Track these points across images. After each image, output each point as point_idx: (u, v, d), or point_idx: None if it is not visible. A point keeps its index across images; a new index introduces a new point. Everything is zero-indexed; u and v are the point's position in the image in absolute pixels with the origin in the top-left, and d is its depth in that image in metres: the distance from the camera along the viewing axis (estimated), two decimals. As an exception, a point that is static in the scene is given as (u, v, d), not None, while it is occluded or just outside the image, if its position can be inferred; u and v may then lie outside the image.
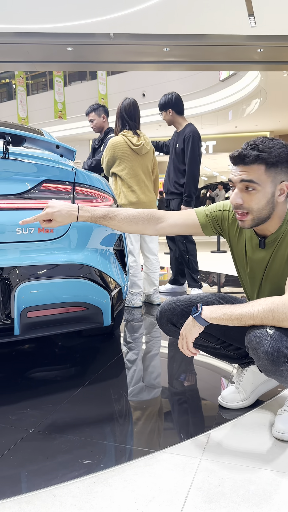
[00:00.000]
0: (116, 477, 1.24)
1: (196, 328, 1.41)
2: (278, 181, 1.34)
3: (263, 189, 1.32)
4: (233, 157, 1.34)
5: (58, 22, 6.77)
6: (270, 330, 1.28)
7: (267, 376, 1.34)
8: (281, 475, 1.25)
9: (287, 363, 1.26)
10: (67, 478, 1.24)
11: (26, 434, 1.49)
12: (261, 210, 1.34)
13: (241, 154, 1.31)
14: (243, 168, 1.32)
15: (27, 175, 1.74)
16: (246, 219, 1.36)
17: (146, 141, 3.26)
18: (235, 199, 1.34)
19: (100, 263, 1.89)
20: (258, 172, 1.30)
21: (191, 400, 1.82)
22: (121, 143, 3.16)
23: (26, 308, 1.68)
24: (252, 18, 6.39)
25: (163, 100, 3.73)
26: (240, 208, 1.35)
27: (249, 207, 1.34)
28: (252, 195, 1.33)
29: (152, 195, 3.36)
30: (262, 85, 11.94)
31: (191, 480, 1.23)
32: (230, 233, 1.57)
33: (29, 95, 16.67)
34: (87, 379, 1.96)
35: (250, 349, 1.33)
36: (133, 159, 3.20)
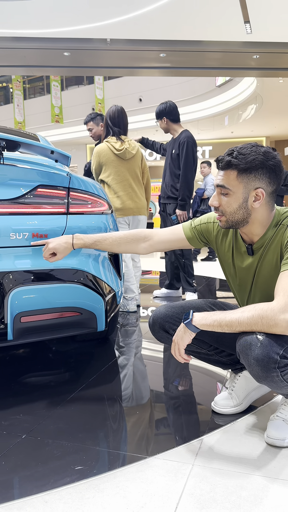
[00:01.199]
0: (108, 483, 1.24)
1: (187, 334, 1.42)
2: (252, 187, 1.38)
3: (234, 194, 1.40)
4: (215, 161, 1.45)
5: (55, 27, 6.80)
6: (260, 336, 1.28)
7: (258, 382, 1.34)
8: (272, 481, 1.25)
9: (277, 369, 1.27)
10: (59, 484, 1.24)
11: (19, 440, 1.48)
12: (233, 214, 1.42)
13: (217, 159, 1.42)
14: (220, 173, 1.42)
15: (22, 180, 1.74)
16: (221, 220, 1.46)
17: (131, 146, 3.27)
18: (212, 201, 1.45)
19: (94, 268, 1.89)
20: (230, 178, 1.39)
21: (184, 406, 1.82)
22: (104, 150, 3.20)
23: (20, 313, 1.68)
24: (248, 25, 6.44)
25: (158, 109, 3.83)
26: (216, 210, 1.46)
27: (222, 210, 1.44)
28: (223, 199, 1.42)
29: (141, 201, 3.34)
30: (258, 91, 12.02)
31: (183, 486, 1.23)
32: (217, 243, 1.62)
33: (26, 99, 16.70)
34: (80, 384, 1.96)
35: (241, 355, 1.34)
36: (118, 164, 3.21)
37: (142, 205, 3.35)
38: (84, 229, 1.87)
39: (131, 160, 3.26)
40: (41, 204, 1.77)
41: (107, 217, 2.03)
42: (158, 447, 1.45)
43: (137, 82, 14.47)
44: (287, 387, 1.34)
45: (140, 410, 1.75)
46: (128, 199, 3.25)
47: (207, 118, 13.51)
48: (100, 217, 1.97)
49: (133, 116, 15.37)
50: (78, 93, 16.67)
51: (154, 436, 1.56)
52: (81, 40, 6.96)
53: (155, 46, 7.04)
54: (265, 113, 13.55)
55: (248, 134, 16.66)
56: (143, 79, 13.78)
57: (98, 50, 7.16)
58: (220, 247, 1.62)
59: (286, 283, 1.31)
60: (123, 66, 8.13)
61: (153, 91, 14.50)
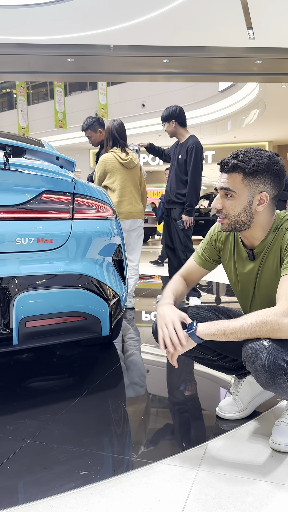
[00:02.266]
0: (113, 488, 1.24)
1: (189, 344, 1.41)
2: (257, 191, 1.39)
3: (240, 197, 1.39)
4: (218, 164, 1.45)
5: (59, 34, 6.86)
6: (266, 342, 1.28)
7: (265, 389, 1.34)
8: (278, 486, 1.25)
9: (284, 376, 1.27)
10: (64, 489, 1.24)
11: (24, 444, 1.49)
12: (237, 217, 1.42)
13: (222, 162, 1.41)
14: (224, 176, 1.41)
15: (27, 186, 1.76)
16: (223, 222, 1.45)
17: (133, 157, 3.59)
18: (215, 203, 1.44)
19: (99, 273, 1.90)
20: (236, 181, 1.39)
21: (189, 411, 1.82)
22: (111, 159, 3.51)
23: (25, 318, 1.69)
24: (251, 30, 6.48)
25: (167, 112, 3.85)
26: (220, 213, 1.44)
27: (226, 212, 1.43)
28: (228, 202, 1.42)
29: (140, 206, 3.67)
30: (260, 96, 12.05)
31: (188, 491, 1.23)
32: (221, 251, 1.65)
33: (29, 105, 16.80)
34: (85, 389, 1.96)
35: (247, 362, 1.34)
36: (123, 172, 3.53)
37: (140, 209, 3.68)
38: (89, 234, 1.88)
39: (133, 170, 3.59)
40: (47, 209, 1.78)
41: (112, 222, 2.04)
42: (163, 452, 1.45)
43: (140, 88, 14.54)
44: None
45: (144, 415, 1.75)
46: (129, 204, 3.56)
47: (210, 123, 13.56)
48: (104, 223, 1.98)
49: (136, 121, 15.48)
50: (82, 99, 16.77)
51: (159, 441, 1.56)
52: (84, 46, 7.02)
53: (158, 52, 7.09)
54: (267, 118, 13.59)
55: (251, 139, 16.70)
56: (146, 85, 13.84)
57: (101, 56, 7.22)
58: (223, 255, 1.64)
59: (287, 288, 1.32)
60: (126, 72, 8.18)
61: (156, 96, 14.57)
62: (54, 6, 6.13)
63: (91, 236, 1.89)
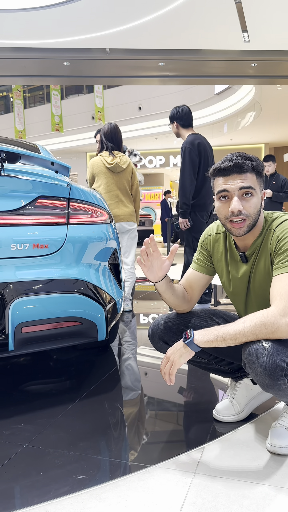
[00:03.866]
0: (110, 493, 1.25)
1: (187, 353, 1.40)
2: (262, 189, 1.46)
3: (257, 195, 1.42)
4: (225, 168, 1.40)
5: (55, 38, 6.87)
6: (266, 344, 1.29)
7: (265, 390, 1.34)
8: (275, 489, 1.25)
9: (284, 377, 1.27)
10: (60, 493, 1.24)
11: (20, 449, 1.49)
12: (256, 215, 1.43)
13: (238, 163, 1.38)
14: (238, 177, 1.39)
15: (22, 192, 1.76)
16: (244, 225, 1.42)
17: (122, 160, 3.55)
18: (236, 206, 1.39)
19: (95, 278, 1.90)
20: (253, 179, 1.41)
21: (186, 414, 1.83)
22: (97, 163, 3.54)
23: (21, 324, 1.69)
24: (246, 33, 6.50)
25: (170, 113, 3.79)
26: (240, 215, 1.40)
27: (247, 213, 1.41)
28: (249, 201, 1.41)
29: (128, 209, 3.64)
30: (256, 99, 12.08)
31: (185, 495, 1.23)
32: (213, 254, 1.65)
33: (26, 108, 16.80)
34: (81, 393, 1.96)
35: (248, 364, 1.34)
36: (109, 176, 3.53)
37: (130, 212, 3.64)
38: (85, 239, 1.89)
39: (120, 174, 3.56)
40: (42, 215, 1.78)
41: (107, 226, 2.04)
42: (160, 455, 1.45)
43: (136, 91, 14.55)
44: None
45: (141, 418, 1.75)
46: (115, 207, 3.56)
47: (206, 125, 13.59)
48: (100, 227, 1.99)
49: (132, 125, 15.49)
50: (78, 102, 16.78)
51: (156, 444, 1.56)
52: (80, 50, 7.02)
53: (154, 55, 7.11)
54: (263, 120, 13.62)
55: (247, 141, 16.73)
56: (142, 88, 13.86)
57: (97, 60, 7.23)
58: (214, 257, 1.64)
59: (281, 287, 1.33)
60: (122, 75, 8.20)
61: (152, 99, 14.59)
62: (49, 10, 6.14)
63: (87, 241, 1.90)
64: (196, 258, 1.68)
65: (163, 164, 18.58)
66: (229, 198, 1.42)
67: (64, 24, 6.48)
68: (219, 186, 1.43)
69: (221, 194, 1.43)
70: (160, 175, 20.93)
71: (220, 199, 1.44)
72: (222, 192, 1.42)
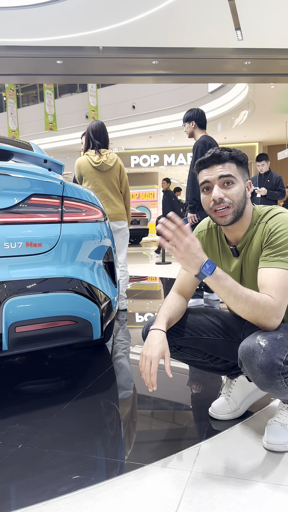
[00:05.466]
0: (106, 492, 1.24)
1: (160, 345, 1.39)
2: (245, 179, 1.47)
3: (239, 183, 1.43)
4: (205, 160, 1.45)
5: (48, 36, 6.84)
6: (262, 342, 1.28)
7: (262, 390, 1.33)
8: (272, 486, 1.25)
9: (281, 375, 1.26)
10: (55, 494, 1.23)
11: (15, 450, 1.47)
12: (240, 203, 1.43)
13: (215, 154, 1.43)
14: (218, 166, 1.43)
15: (15, 190, 1.74)
16: (228, 213, 1.42)
17: (109, 158, 3.50)
18: (217, 194, 1.41)
19: (89, 276, 1.89)
20: (232, 168, 1.43)
21: (182, 412, 1.82)
22: (84, 162, 3.48)
23: (14, 323, 1.67)
24: (239, 31, 6.51)
25: (188, 114, 3.93)
26: (222, 202, 1.42)
27: (230, 200, 1.42)
28: (231, 189, 1.42)
29: (118, 208, 3.59)
30: (250, 97, 12.11)
31: (181, 493, 1.22)
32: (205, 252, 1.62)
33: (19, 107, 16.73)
34: (77, 392, 1.95)
35: (244, 363, 1.33)
36: (96, 175, 3.47)
37: (119, 211, 3.59)
38: (79, 237, 1.87)
39: (108, 172, 3.50)
40: (35, 213, 1.77)
41: (101, 225, 2.03)
42: (156, 454, 1.44)
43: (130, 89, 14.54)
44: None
45: (137, 417, 1.75)
46: (105, 207, 3.51)
47: (200, 124, 13.59)
48: (94, 225, 1.97)
49: (126, 123, 15.49)
50: (72, 101, 16.74)
51: (152, 443, 1.55)
52: (73, 48, 7.00)
53: (147, 54, 7.10)
54: (257, 118, 13.66)
55: (241, 139, 16.77)
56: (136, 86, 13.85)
57: (90, 58, 7.21)
58: (208, 254, 1.63)
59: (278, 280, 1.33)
60: (115, 74, 8.18)
61: (146, 98, 14.58)
62: (42, 8, 6.12)
63: (81, 239, 1.88)
64: None
65: (157, 163, 18.59)
66: (211, 189, 1.44)
67: (57, 22, 6.45)
68: (201, 178, 1.47)
69: (204, 186, 1.46)
70: (155, 174, 20.93)
71: (204, 191, 1.47)
72: (204, 183, 1.45)
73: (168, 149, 18.02)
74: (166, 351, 1.41)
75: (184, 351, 1.61)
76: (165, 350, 1.41)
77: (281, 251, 1.36)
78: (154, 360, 1.39)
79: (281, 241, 1.37)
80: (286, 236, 1.37)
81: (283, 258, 1.35)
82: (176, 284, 1.67)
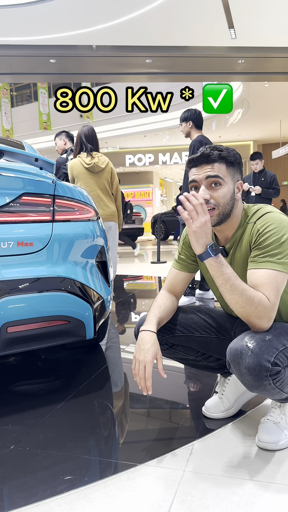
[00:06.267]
0: (98, 493, 1.23)
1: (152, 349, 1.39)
2: (236, 179, 1.44)
3: (227, 184, 1.41)
4: (194, 158, 1.43)
5: (41, 35, 6.81)
6: (250, 344, 1.28)
7: (250, 391, 1.33)
8: (264, 485, 1.24)
9: (269, 377, 1.25)
10: (47, 494, 1.22)
11: (7, 451, 1.46)
12: (226, 205, 1.40)
13: (204, 153, 1.41)
14: (207, 167, 1.40)
15: (6, 189, 1.73)
16: (212, 214, 1.40)
17: (100, 161, 3.61)
18: (203, 194, 1.39)
19: (82, 276, 1.88)
20: (221, 169, 1.40)
21: (175, 411, 1.82)
22: (76, 164, 3.60)
23: (6, 323, 1.66)
24: (232, 30, 6.51)
25: (186, 114, 4.01)
26: (208, 203, 1.39)
27: (215, 202, 1.39)
28: (217, 190, 1.40)
29: (110, 209, 3.67)
30: (244, 96, 12.12)
31: (174, 493, 1.22)
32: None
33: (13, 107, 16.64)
34: (70, 392, 1.94)
35: (232, 364, 1.32)
36: (88, 176, 3.57)
37: (111, 212, 3.68)
38: (71, 236, 1.86)
39: (99, 173, 3.61)
40: (26, 212, 1.75)
41: (94, 223, 2.02)
42: (149, 454, 1.44)
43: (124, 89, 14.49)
44: (279, 394, 1.33)
45: (130, 417, 1.74)
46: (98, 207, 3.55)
47: (194, 123, 13.60)
48: (86, 224, 1.96)
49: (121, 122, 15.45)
50: (66, 100, 16.65)
51: (145, 443, 1.55)
52: (66, 47, 6.98)
53: (140, 52, 7.09)
54: (251, 117, 13.68)
55: (235, 138, 16.79)
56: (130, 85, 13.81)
57: (84, 57, 7.20)
58: None
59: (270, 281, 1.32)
60: (109, 72, 8.17)
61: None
62: (35, 6, 6.09)
63: (73, 238, 1.87)
64: (178, 258, 1.65)
65: (152, 162, 18.58)
66: (198, 188, 1.42)
67: (50, 20, 6.43)
68: (190, 177, 1.45)
69: (191, 185, 1.44)
70: (150, 173, 20.92)
71: (192, 190, 1.44)
72: (192, 182, 1.43)
73: (163, 148, 18.01)
74: (158, 353, 1.42)
75: (176, 349, 1.61)
76: (158, 352, 1.42)
77: (270, 252, 1.34)
78: (148, 365, 1.39)
79: (269, 241, 1.35)
80: (274, 237, 1.35)
81: (272, 258, 1.34)
82: (166, 283, 1.66)
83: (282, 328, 1.35)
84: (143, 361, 1.39)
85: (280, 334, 1.32)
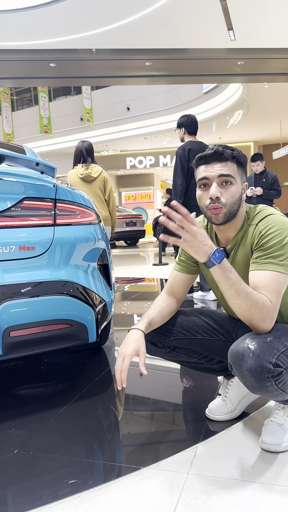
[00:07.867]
0: (102, 496, 1.23)
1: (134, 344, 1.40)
2: (243, 180, 1.45)
3: (237, 184, 1.41)
4: (206, 155, 1.41)
5: (41, 39, 6.83)
6: (251, 345, 1.27)
7: (253, 393, 1.32)
8: (269, 487, 1.24)
9: (271, 378, 1.25)
10: (51, 499, 1.22)
11: (11, 455, 1.46)
12: (233, 205, 1.41)
13: (218, 151, 1.40)
14: (219, 164, 1.40)
15: (7, 193, 1.73)
16: (220, 212, 1.40)
17: (94, 171, 4.00)
18: (215, 192, 1.38)
19: (84, 279, 1.88)
20: (233, 168, 1.41)
21: (178, 414, 1.81)
22: (72, 174, 4.05)
23: (9, 328, 1.66)
24: (231, 31, 6.52)
25: (179, 120, 4.17)
26: (217, 202, 1.39)
27: (225, 201, 1.39)
28: (228, 189, 1.40)
29: (102, 215, 3.94)
30: (244, 97, 12.13)
31: (178, 496, 1.22)
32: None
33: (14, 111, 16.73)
34: (73, 395, 1.94)
35: (233, 366, 1.32)
36: (82, 185, 3.97)
37: (103, 217, 3.97)
38: (72, 240, 1.87)
39: (92, 182, 4.00)
40: (28, 216, 1.76)
41: (95, 227, 2.02)
42: (153, 457, 1.43)
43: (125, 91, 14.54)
44: (282, 395, 1.33)
45: (134, 420, 1.74)
46: None
47: (195, 124, 13.62)
48: (88, 228, 1.97)
49: (121, 125, 15.49)
50: (66, 104, 16.73)
51: (149, 446, 1.54)
52: (66, 51, 7.00)
53: (140, 55, 7.10)
54: (252, 118, 13.68)
55: (236, 139, 16.80)
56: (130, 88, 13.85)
57: (84, 61, 7.21)
58: None
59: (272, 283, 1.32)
60: (109, 76, 8.18)
61: (140, 99, 14.60)
62: (35, 11, 6.11)
63: (75, 242, 1.87)
64: (179, 259, 1.65)
65: (153, 164, 18.60)
66: (208, 186, 1.41)
67: (49, 25, 6.45)
68: (200, 174, 1.43)
69: (201, 182, 1.43)
70: (151, 175, 20.94)
71: (201, 187, 1.44)
72: (203, 179, 1.42)
73: (163, 150, 18.04)
74: (141, 349, 1.42)
75: (179, 351, 1.61)
76: (140, 347, 1.42)
77: (272, 253, 1.34)
78: (127, 357, 1.40)
79: (271, 243, 1.35)
80: (276, 238, 1.35)
81: (274, 260, 1.34)
82: (166, 285, 1.67)
83: (283, 329, 1.35)
84: (123, 354, 1.40)
85: (281, 335, 1.32)
